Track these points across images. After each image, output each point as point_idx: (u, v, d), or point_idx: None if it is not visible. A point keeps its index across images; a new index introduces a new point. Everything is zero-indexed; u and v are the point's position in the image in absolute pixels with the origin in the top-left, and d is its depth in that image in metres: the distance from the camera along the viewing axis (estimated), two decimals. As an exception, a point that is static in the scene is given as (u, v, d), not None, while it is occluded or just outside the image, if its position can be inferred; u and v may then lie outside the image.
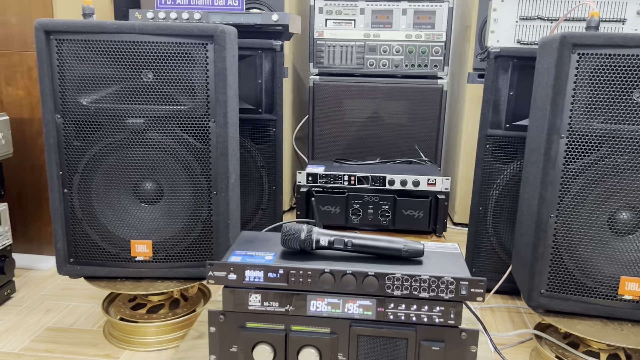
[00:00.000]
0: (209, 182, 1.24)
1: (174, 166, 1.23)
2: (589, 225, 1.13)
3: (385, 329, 0.95)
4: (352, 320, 0.96)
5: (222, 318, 0.98)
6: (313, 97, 2.11)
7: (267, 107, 1.69)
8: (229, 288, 0.97)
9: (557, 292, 1.16)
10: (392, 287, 0.93)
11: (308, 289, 0.95)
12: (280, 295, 0.96)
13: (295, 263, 0.96)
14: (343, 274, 0.94)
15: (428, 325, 0.95)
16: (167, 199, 1.25)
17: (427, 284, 0.93)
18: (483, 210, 1.58)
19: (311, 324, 0.97)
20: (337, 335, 0.97)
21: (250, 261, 0.96)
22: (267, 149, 1.72)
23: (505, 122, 1.51)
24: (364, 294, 0.95)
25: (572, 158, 1.11)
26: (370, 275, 0.93)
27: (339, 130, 2.14)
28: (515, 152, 1.52)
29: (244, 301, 0.97)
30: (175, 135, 1.21)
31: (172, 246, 1.27)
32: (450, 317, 0.94)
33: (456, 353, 0.95)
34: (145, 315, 1.34)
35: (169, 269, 1.28)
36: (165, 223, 1.26)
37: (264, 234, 1.12)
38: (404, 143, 2.12)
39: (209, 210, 1.25)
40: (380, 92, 2.09)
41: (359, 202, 1.69)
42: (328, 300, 0.96)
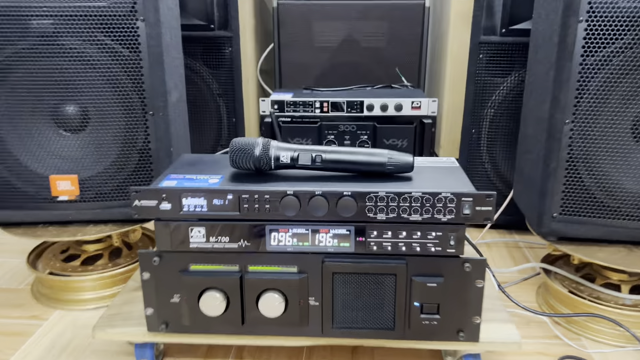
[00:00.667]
0: (143, 100, 0.99)
1: (98, 82, 0.98)
2: (611, 132, 0.92)
3: (368, 264, 0.74)
4: (324, 254, 0.75)
5: (156, 261, 0.76)
6: (278, 21, 1.84)
7: (220, 21, 1.43)
8: (162, 221, 0.74)
9: (573, 215, 0.96)
10: (374, 209, 0.72)
11: (266, 218, 0.74)
12: (230, 228, 0.74)
13: (248, 185, 0.73)
14: (311, 195, 0.72)
15: (422, 257, 0.74)
16: (94, 125, 1.01)
17: (420, 203, 0.71)
18: (476, 133, 1.36)
19: (273, 262, 0.76)
20: (307, 274, 0.76)
21: (188, 185, 0.73)
22: (224, 74, 1.47)
23: (500, 27, 1.28)
24: (339, 221, 0.73)
25: (593, 47, 0.89)
26: (346, 195, 0.71)
27: (308, 58, 1.89)
28: (513, 63, 1.29)
29: (184, 238, 0.75)
30: (95, 40, 0.96)
31: (104, 182, 1.03)
32: (450, 245, 0.73)
33: (458, 289, 0.75)
34: (79, 267, 1.12)
35: (102, 210, 1.04)
36: (93, 154, 1.02)
37: (210, 156, 0.89)
38: (383, 70, 1.88)
39: (146, 136, 1.01)
40: (354, 12, 1.84)
41: (333, 132, 1.46)
42: (293, 231, 0.74)
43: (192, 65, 1.45)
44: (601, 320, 0.97)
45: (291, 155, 0.77)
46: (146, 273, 0.77)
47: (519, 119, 1.28)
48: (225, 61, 1.46)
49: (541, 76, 0.99)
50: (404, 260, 0.74)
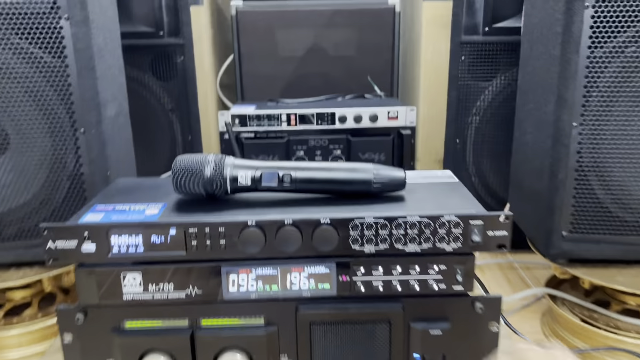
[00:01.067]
0: (72, 115, 0.82)
1: (15, 95, 0.80)
2: (625, 134, 0.79)
3: (354, 310, 0.58)
4: (298, 300, 0.59)
5: (80, 319, 0.58)
6: (237, 29, 1.69)
7: (170, 27, 1.27)
8: (85, 268, 0.57)
9: (586, 232, 0.83)
10: (360, 240, 0.56)
11: (222, 257, 0.57)
12: (175, 272, 0.57)
13: (197, 216, 0.57)
14: (279, 225, 0.56)
15: (422, 297, 0.58)
16: (14, 148, 0.83)
17: (418, 229, 0.56)
18: (460, 143, 1.23)
19: (232, 313, 0.59)
20: (277, 327, 0.59)
21: (119, 219, 0.56)
22: (176, 86, 1.31)
23: (483, 25, 1.16)
24: (316, 256, 0.57)
25: (602, 37, 0.77)
26: (325, 224, 0.56)
27: (272, 69, 1.73)
28: (498, 64, 1.17)
29: (116, 287, 0.58)
30: (9, 44, 0.78)
31: (27, 216, 0.85)
32: (457, 281, 0.58)
33: (468, 336, 0.59)
34: (1, 320, 0.92)
35: (25, 250, 0.86)
36: (13, 183, 0.84)
37: (152, 180, 0.72)
38: (354, 79, 1.74)
39: (77, 158, 0.84)
40: (320, 18, 1.70)
41: (303, 147, 1.31)
42: (257, 272, 0.58)
43: (139, 77, 1.28)
44: (623, 354, 0.83)
45: (252, 174, 0.61)
46: (67, 334, 0.59)
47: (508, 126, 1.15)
48: (178, 71, 1.30)
49: (541, 74, 0.86)
50: (399, 302, 0.58)
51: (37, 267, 0.88)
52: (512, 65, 1.15)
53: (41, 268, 0.88)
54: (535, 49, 0.89)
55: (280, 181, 0.60)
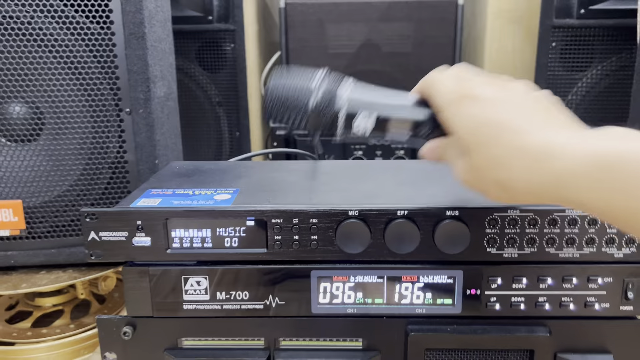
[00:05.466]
0: (116, 93, 0.70)
1: (53, 69, 0.69)
2: None
3: (484, 334, 0.44)
4: (410, 319, 0.45)
5: (128, 333, 0.45)
6: (286, 23, 1.58)
7: (220, 12, 1.16)
8: (137, 266, 0.44)
9: None
10: (498, 240, 0.42)
11: (312, 259, 0.44)
12: (252, 276, 0.44)
13: (280, 202, 0.44)
14: (390, 217, 0.42)
15: (576, 319, 0.44)
16: (50, 132, 0.71)
17: (579, 228, 0.41)
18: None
19: (322, 332, 0.45)
20: (379, 352, 0.45)
21: (181, 205, 0.44)
22: (225, 78, 1.20)
23: (578, 7, 1.01)
24: (437, 261, 0.43)
25: None
26: (450, 216, 0.42)
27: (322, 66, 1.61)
28: (594, 52, 1.02)
29: (175, 293, 0.44)
30: (49, 9, 0.67)
31: (62, 211, 0.73)
32: (626, 299, 0.43)
33: (638, 374, 0.44)
34: (29, 331, 0.80)
35: (58, 250, 0.74)
36: (47, 172, 0.72)
37: (215, 163, 0.59)
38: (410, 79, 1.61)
39: (121, 143, 0.72)
40: (375, 12, 1.59)
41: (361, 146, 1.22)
42: (357, 280, 0.44)
43: (185, 67, 1.17)
44: None
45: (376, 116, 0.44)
46: (111, 354, 0.46)
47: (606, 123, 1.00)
48: (227, 61, 1.18)
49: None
50: (546, 326, 0.44)
51: (72, 270, 0.76)
52: (612, 53, 1.00)
53: (76, 271, 0.76)
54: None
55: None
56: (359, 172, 0.55)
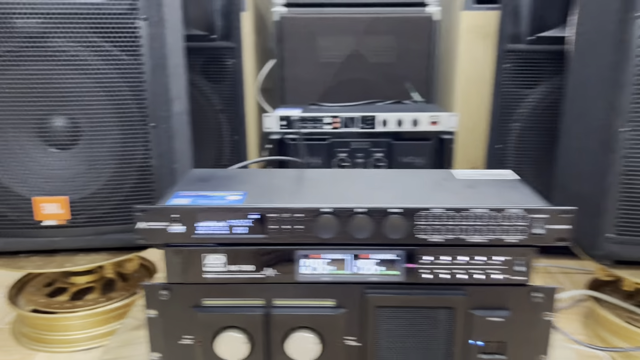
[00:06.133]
0: (143, 110, 0.87)
1: (91, 90, 0.86)
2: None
3: (420, 296, 0.62)
4: (367, 285, 0.63)
5: (165, 295, 0.63)
6: (280, 34, 1.75)
7: (222, 31, 1.33)
8: (173, 247, 0.62)
9: (631, 235, 0.86)
10: (428, 229, 0.60)
11: (297, 242, 0.61)
12: (254, 254, 0.62)
13: (275, 202, 0.61)
14: (351, 213, 0.60)
15: (484, 286, 0.62)
16: (87, 140, 0.88)
17: (484, 220, 0.59)
18: (502, 149, 1.26)
19: (304, 294, 0.63)
20: (345, 309, 0.63)
21: (204, 203, 0.61)
22: (226, 88, 1.36)
23: (528, 34, 1.19)
24: (385, 244, 0.61)
25: (653, 46, 0.80)
26: (394, 212, 0.60)
27: (312, 74, 1.78)
28: (542, 72, 1.20)
29: (198, 266, 0.62)
30: (89, 42, 0.84)
31: (97, 205, 0.90)
32: (518, 271, 0.61)
33: (525, 324, 0.63)
34: (66, 303, 0.98)
35: (94, 237, 0.91)
36: (84, 173, 0.89)
37: (226, 171, 0.76)
38: (392, 86, 1.78)
39: (146, 151, 0.89)
40: (361, 25, 1.75)
41: (345, 149, 1.35)
42: (329, 257, 0.62)
43: (191, 78, 1.33)
44: (667, 354, 0.85)
45: None
46: (152, 310, 0.63)
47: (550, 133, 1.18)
48: (227, 74, 1.35)
49: (591, 81, 0.89)
50: (463, 290, 0.62)
51: (104, 253, 0.93)
52: (555, 73, 1.18)
53: (107, 254, 0.93)
54: (585, 57, 0.92)
55: None
56: (334, 179, 0.73)
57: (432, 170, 0.77)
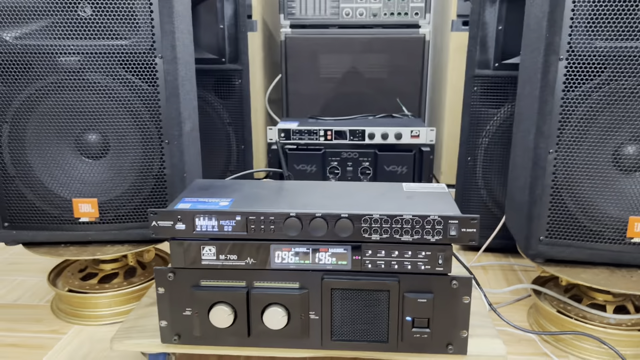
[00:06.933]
0: (159, 130, 1.08)
1: (118, 113, 1.07)
2: (592, 161, 0.99)
3: (363, 281, 0.81)
4: (324, 272, 0.82)
5: (171, 276, 0.83)
6: (285, 53, 1.94)
7: (231, 56, 1.53)
8: (177, 240, 0.82)
9: (558, 238, 1.03)
10: (369, 230, 0.79)
11: (271, 238, 0.81)
12: (238, 247, 0.81)
13: (255, 208, 0.81)
14: (312, 217, 0.79)
15: (413, 274, 0.81)
16: (114, 152, 1.09)
17: (410, 224, 0.78)
18: (472, 161, 1.44)
19: (276, 278, 0.83)
20: (308, 290, 0.82)
21: (201, 207, 0.81)
22: (233, 104, 1.56)
23: (494, 61, 1.36)
24: (337, 241, 0.80)
25: (573, 83, 0.97)
26: (344, 217, 0.79)
27: (314, 88, 1.98)
28: (506, 95, 1.37)
29: (196, 255, 0.82)
30: (117, 75, 1.05)
31: (122, 205, 1.11)
32: (439, 264, 0.80)
33: (447, 305, 0.81)
34: (96, 285, 1.19)
35: (119, 231, 1.12)
36: (112, 179, 1.10)
37: (222, 181, 0.96)
38: (386, 99, 1.97)
39: (161, 163, 1.09)
40: (358, 45, 1.94)
41: (336, 159, 1.54)
42: (295, 250, 0.81)
43: (204, 96, 1.54)
44: (587, 338, 1.02)
45: None
46: (161, 288, 0.84)
47: (512, 148, 1.35)
48: (235, 92, 1.55)
49: (527, 109, 1.06)
50: (396, 277, 0.81)
51: (127, 244, 1.14)
52: (517, 96, 1.35)
53: (130, 246, 1.14)
54: (525, 88, 1.09)
55: None
56: (306, 190, 0.92)
57: (386, 184, 0.95)
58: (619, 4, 0.92)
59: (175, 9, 1.03)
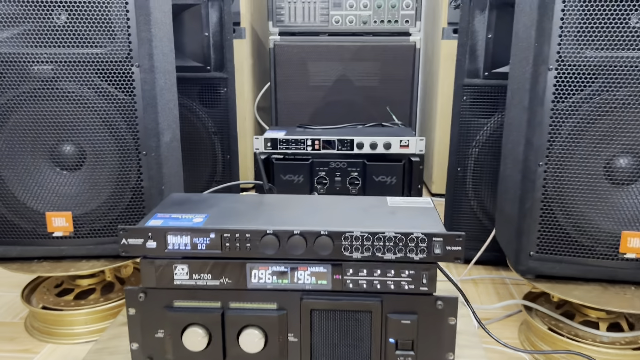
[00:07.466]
0: (137, 141, 1.04)
1: (94, 123, 1.03)
2: (584, 174, 0.96)
3: (344, 301, 0.77)
4: (303, 292, 0.78)
5: (142, 297, 0.79)
6: (274, 60, 1.91)
7: (216, 63, 1.49)
8: (148, 259, 0.78)
9: (549, 253, 0.99)
10: (350, 248, 0.75)
11: (247, 256, 0.77)
12: (212, 266, 0.77)
13: (230, 224, 0.77)
14: (290, 234, 0.75)
15: (396, 294, 0.77)
16: (89, 164, 1.05)
17: (393, 242, 0.74)
18: (462, 171, 1.40)
19: (253, 299, 0.79)
20: (286, 311, 0.78)
21: (173, 224, 0.77)
22: (219, 113, 1.53)
23: (483, 70, 1.33)
24: (317, 259, 0.77)
25: (563, 94, 0.94)
26: (323, 234, 0.75)
27: (304, 96, 1.95)
28: (496, 104, 1.34)
29: (169, 275, 0.78)
30: (93, 84, 1.01)
31: (97, 219, 1.07)
32: (423, 283, 0.76)
33: (432, 326, 0.77)
34: (71, 302, 1.15)
35: (94, 246, 1.08)
36: (87, 192, 1.06)
37: (199, 195, 0.92)
38: (376, 108, 1.94)
39: (139, 175, 1.05)
40: (348, 52, 1.91)
41: (324, 169, 1.50)
42: (273, 269, 0.77)
43: (188, 104, 1.51)
44: (579, 357, 0.99)
45: None
46: (132, 309, 0.80)
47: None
48: (221, 101, 1.52)
49: (516, 120, 1.03)
50: (379, 297, 0.77)
51: (103, 260, 1.10)
52: (507, 105, 1.32)
53: (106, 261, 1.10)
54: (514, 98, 1.06)
55: None
56: (286, 204, 0.88)
57: (370, 197, 0.92)
58: (609, 13, 0.89)
59: (153, 16, 1.00)
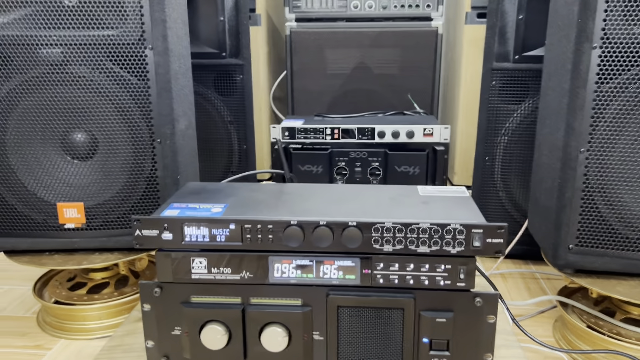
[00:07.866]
0: (150, 128, 0.99)
1: (106, 109, 0.98)
2: (629, 161, 0.89)
3: (374, 297, 0.71)
4: (329, 287, 0.72)
5: (157, 292, 0.74)
6: (291, 48, 1.85)
7: (231, 50, 1.43)
8: (164, 252, 0.73)
9: (590, 246, 0.93)
10: (380, 240, 0.69)
11: (269, 249, 0.71)
12: (232, 259, 0.72)
13: (251, 215, 0.72)
14: (315, 225, 0.70)
15: (430, 290, 0.71)
16: (102, 152, 1.00)
17: (428, 234, 0.69)
18: (490, 161, 1.34)
19: (276, 294, 0.73)
20: (311, 308, 0.73)
21: (190, 215, 0.72)
22: (235, 101, 1.47)
23: (514, 53, 1.26)
24: (344, 252, 0.71)
25: (607, 74, 0.87)
26: (351, 225, 0.69)
27: (321, 85, 1.89)
28: (527, 89, 1.27)
29: (186, 268, 0.73)
30: (104, 68, 0.96)
31: (111, 210, 1.02)
32: (460, 278, 0.70)
33: (469, 325, 0.71)
34: (85, 296, 1.10)
35: (108, 238, 1.03)
36: (100, 182, 1.01)
37: (215, 184, 0.87)
38: (396, 96, 1.87)
39: (153, 164, 1.00)
40: (366, 39, 1.84)
41: (344, 159, 1.44)
42: (296, 263, 0.72)
43: (203, 92, 1.45)
44: (622, 357, 0.92)
45: None
46: (147, 305, 0.75)
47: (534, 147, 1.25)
48: (237, 88, 1.46)
49: (555, 104, 0.96)
50: (411, 294, 0.71)
51: (117, 253, 1.05)
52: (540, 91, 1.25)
53: (120, 254, 1.05)
54: (551, 81, 0.99)
55: None
56: (309, 193, 0.83)
57: (399, 186, 0.86)
58: (661, -15, 0.82)
59: (167, -5, 0.94)
